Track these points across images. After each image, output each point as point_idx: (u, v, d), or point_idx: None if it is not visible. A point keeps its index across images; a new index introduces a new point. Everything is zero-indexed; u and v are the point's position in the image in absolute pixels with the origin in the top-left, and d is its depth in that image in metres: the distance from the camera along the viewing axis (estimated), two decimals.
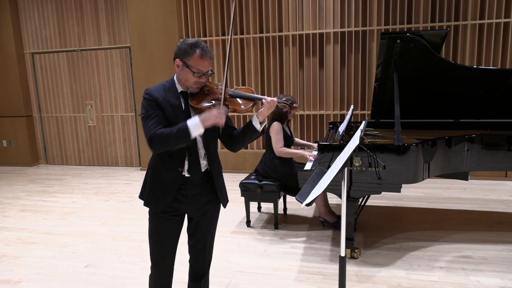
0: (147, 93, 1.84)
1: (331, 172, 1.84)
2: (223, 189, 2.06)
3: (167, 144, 1.76)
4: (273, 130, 3.68)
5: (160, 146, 1.77)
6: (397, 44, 3.16)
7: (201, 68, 1.80)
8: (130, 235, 3.78)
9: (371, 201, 4.37)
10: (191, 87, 1.85)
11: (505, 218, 3.86)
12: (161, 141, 1.75)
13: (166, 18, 5.93)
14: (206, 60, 1.80)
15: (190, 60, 1.79)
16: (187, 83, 1.84)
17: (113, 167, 6.92)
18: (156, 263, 2.00)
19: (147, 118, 1.80)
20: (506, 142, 3.13)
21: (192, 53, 1.78)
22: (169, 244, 1.98)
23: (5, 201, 5.09)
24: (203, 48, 1.80)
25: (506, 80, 3.45)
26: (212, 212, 2.06)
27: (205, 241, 2.09)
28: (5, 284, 2.93)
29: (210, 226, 2.09)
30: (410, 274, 2.84)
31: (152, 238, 1.98)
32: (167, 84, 1.89)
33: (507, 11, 4.94)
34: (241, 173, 5.61)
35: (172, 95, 1.86)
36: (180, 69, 1.83)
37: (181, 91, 1.88)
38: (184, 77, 1.83)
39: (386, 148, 2.86)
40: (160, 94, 1.84)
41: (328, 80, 5.61)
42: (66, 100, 6.99)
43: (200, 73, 1.80)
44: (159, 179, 1.91)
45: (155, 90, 1.85)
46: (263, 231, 3.73)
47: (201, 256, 2.12)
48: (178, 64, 1.83)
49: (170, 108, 1.83)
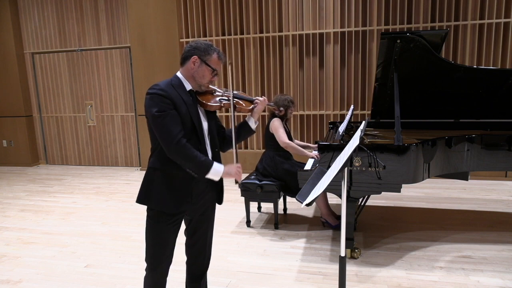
0: (160, 89, 1.77)
1: (331, 172, 1.84)
2: (223, 188, 2.10)
3: (185, 162, 1.80)
4: (274, 126, 3.69)
5: (179, 157, 1.79)
6: (397, 44, 3.16)
7: (218, 68, 1.90)
8: (130, 235, 3.78)
9: (371, 201, 4.37)
10: (204, 85, 1.91)
11: (505, 218, 3.86)
12: (184, 155, 1.78)
13: (166, 18, 5.93)
14: (221, 63, 1.93)
15: (209, 59, 1.86)
16: (203, 80, 1.88)
17: (113, 167, 6.92)
18: (153, 266, 1.96)
19: (165, 117, 1.75)
20: (506, 142, 3.13)
21: (212, 53, 1.87)
22: (168, 247, 1.96)
23: (5, 201, 5.09)
24: (219, 51, 1.92)
25: (506, 80, 3.45)
26: (211, 209, 2.10)
27: (205, 240, 2.10)
28: (5, 284, 2.93)
29: (209, 224, 2.11)
30: (410, 274, 2.84)
31: (151, 241, 1.94)
32: (174, 82, 1.86)
33: (507, 11, 4.94)
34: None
35: (183, 92, 1.85)
36: (197, 66, 1.86)
37: (190, 89, 1.89)
38: (201, 74, 1.87)
39: (386, 148, 2.86)
40: (172, 90, 1.81)
41: (328, 80, 5.61)
42: (66, 100, 6.99)
43: (216, 72, 1.90)
44: (172, 180, 1.87)
45: (166, 86, 1.80)
46: (263, 231, 3.73)
47: (201, 255, 2.12)
48: (195, 61, 1.85)
49: (185, 106, 1.82)
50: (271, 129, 3.74)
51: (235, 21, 5.81)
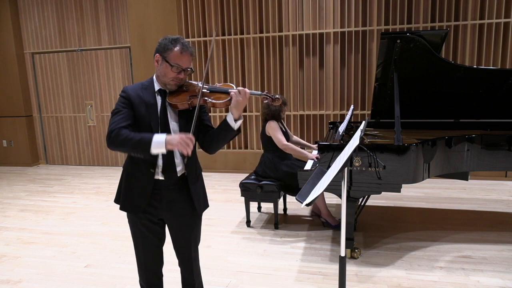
0: (123, 90, 1.82)
1: (331, 172, 1.84)
2: (200, 195, 1.95)
3: (124, 146, 1.70)
4: (271, 128, 3.68)
5: (116, 144, 1.70)
6: (397, 44, 3.16)
7: (180, 63, 1.75)
8: (130, 235, 3.76)
9: (371, 201, 4.37)
10: (169, 84, 1.79)
11: (505, 218, 3.86)
12: (120, 140, 1.68)
13: (166, 18, 5.93)
14: (186, 56, 1.76)
15: (169, 55, 1.74)
16: (165, 78, 1.78)
17: (113, 167, 6.92)
18: (141, 266, 1.97)
19: (115, 113, 1.78)
20: (506, 142, 3.13)
21: (172, 47, 1.74)
22: (151, 248, 1.94)
23: (5, 201, 5.09)
24: (183, 43, 1.76)
25: (506, 80, 3.45)
26: (191, 220, 1.94)
27: (189, 251, 1.97)
28: (5, 284, 2.93)
29: (191, 234, 1.95)
30: (410, 274, 2.84)
31: (135, 242, 1.97)
32: (145, 83, 1.86)
33: (507, 11, 4.94)
34: (241, 173, 5.61)
35: (148, 93, 1.82)
36: (159, 64, 1.79)
37: (159, 89, 1.83)
38: (163, 72, 1.78)
39: (386, 148, 2.86)
40: (135, 92, 1.81)
41: (328, 80, 5.61)
42: (66, 100, 6.99)
43: (179, 68, 1.75)
44: (133, 182, 1.86)
45: (131, 88, 1.83)
46: (263, 231, 3.73)
47: (188, 265, 2.01)
48: (158, 59, 1.79)
49: (144, 107, 1.79)
50: (267, 132, 3.73)
51: (235, 21, 5.81)
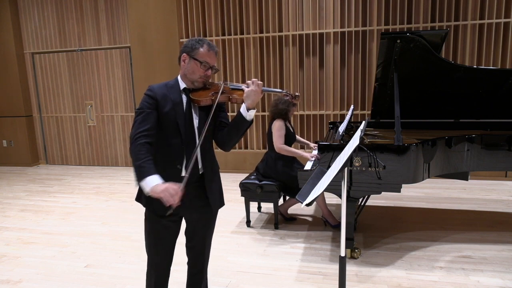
0: (149, 89, 1.86)
1: (331, 172, 1.84)
2: (217, 192, 2.01)
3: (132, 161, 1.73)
4: (275, 127, 3.68)
5: (131, 155, 1.75)
6: (397, 44, 3.16)
7: (208, 61, 1.84)
8: (130, 235, 3.78)
9: (371, 201, 4.37)
10: (197, 81, 1.87)
11: (505, 218, 3.86)
12: (133, 154, 1.72)
13: (166, 18, 5.93)
14: (212, 54, 1.85)
15: (197, 53, 1.83)
16: (193, 76, 1.85)
17: (113, 167, 6.92)
18: (151, 264, 1.99)
19: (139, 114, 1.81)
20: (506, 142, 3.13)
21: (199, 47, 1.83)
22: (166, 247, 1.97)
23: (5, 201, 5.09)
24: (209, 43, 1.86)
25: (506, 80, 3.45)
26: (210, 215, 2.03)
27: (203, 244, 2.07)
28: (5, 284, 2.93)
29: (208, 229, 2.06)
30: (410, 274, 2.84)
31: (148, 240, 1.97)
32: (170, 82, 1.91)
33: (507, 11, 4.94)
34: (241, 173, 5.61)
35: (174, 92, 1.87)
36: (187, 62, 1.85)
37: (184, 88, 1.89)
38: (191, 69, 1.85)
39: (386, 148, 2.86)
40: (161, 90, 1.85)
41: (328, 80, 5.61)
42: (66, 100, 6.99)
43: (207, 65, 1.84)
44: None
45: (157, 86, 1.88)
46: (263, 231, 3.73)
47: (200, 258, 2.10)
48: (185, 58, 1.86)
49: (171, 104, 1.84)
50: (272, 129, 3.73)
51: (235, 21, 5.81)
